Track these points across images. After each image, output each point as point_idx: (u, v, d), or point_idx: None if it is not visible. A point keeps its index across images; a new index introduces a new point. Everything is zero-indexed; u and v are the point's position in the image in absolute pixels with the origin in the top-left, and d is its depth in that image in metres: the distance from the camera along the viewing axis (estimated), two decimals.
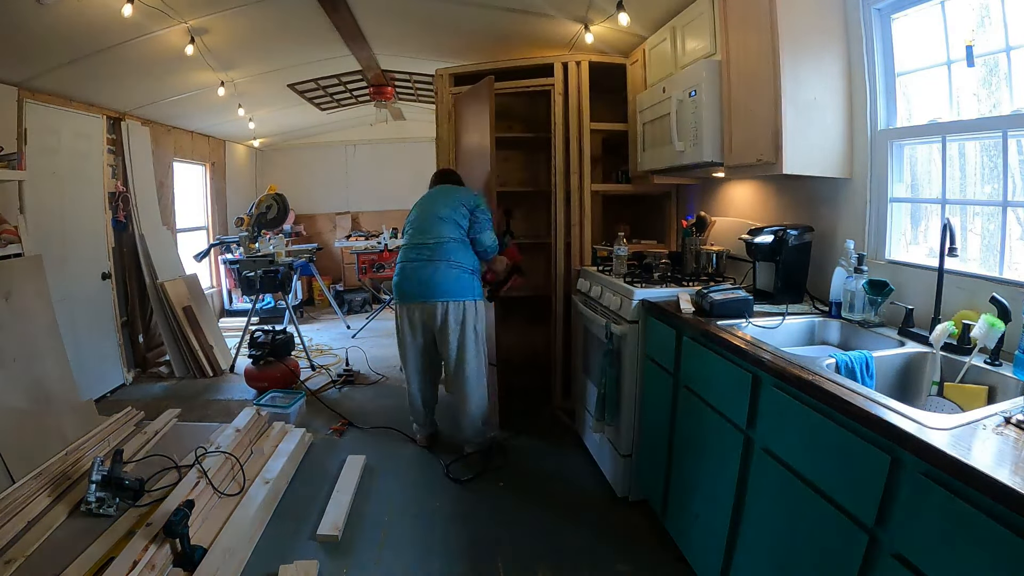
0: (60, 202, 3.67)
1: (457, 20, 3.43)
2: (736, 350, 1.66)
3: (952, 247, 1.55)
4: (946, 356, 1.51)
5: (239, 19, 3.18)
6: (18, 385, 2.71)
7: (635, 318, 2.36)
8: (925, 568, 1.00)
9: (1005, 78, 1.59)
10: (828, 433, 1.26)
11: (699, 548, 1.93)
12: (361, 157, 7.55)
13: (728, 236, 2.77)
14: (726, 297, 2.00)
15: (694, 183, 3.22)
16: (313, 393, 3.88)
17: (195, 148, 5.78)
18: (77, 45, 3.06)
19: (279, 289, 4.78)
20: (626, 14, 2.70)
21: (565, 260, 3.41)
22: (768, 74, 1.97)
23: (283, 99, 5.24)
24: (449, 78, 3.59)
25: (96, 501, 2.25)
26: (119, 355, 4.18)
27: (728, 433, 1.70)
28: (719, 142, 2.31)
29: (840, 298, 1.93)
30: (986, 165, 1.71)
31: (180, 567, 1.95)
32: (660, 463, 2.19)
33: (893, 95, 1.94)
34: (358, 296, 6.83)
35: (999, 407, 1.16)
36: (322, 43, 3.84)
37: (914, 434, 1.04)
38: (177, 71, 3.77)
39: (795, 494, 1.37)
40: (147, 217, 4.54)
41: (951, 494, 0.95)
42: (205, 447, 2.61)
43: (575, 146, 3.35)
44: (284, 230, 6.15)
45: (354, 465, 2.83)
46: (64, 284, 3.55)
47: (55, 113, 3.63)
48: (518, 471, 2.84)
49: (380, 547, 2.26)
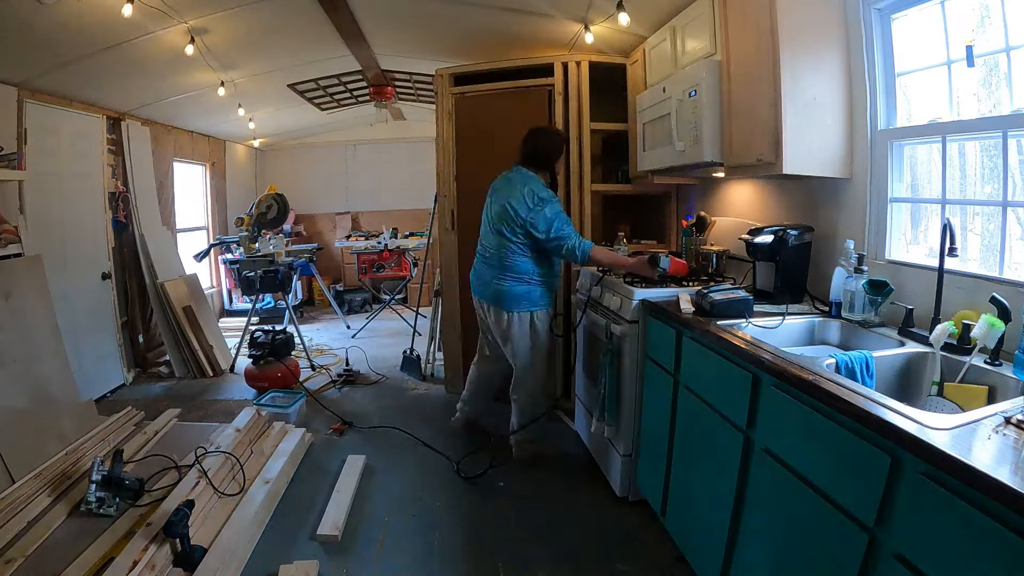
0: (60, 202, 3.67)
1: (457, 20, 3.43)
2: (736, 350, 1.66)
3: (952, 247, 1.55)
4: (946, 356, 1.51)
5: (239, 19, 3.18)
6: (18, 385, 2.70)
7: (635, 318, 2.36)
8: (925, 568, 1.00)
9: (1005, 78, 1.59)
10: (828, 433, 1.26)
11: (699, 548, 1.93)
12: (361, 157, 7.55)
13: (728, 236, 2.77)
14: (726, 297, 2.00)
15: (694, 183, 3.22)
16: (312, 394, 3.88)
17: (195, 148, 5.78)
18: (77, 45, 3.06)
19: (279, 289, 4.78)
20: (626, 14, 2.70)
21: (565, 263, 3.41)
22: (768, 74, 1.97)
23: (283, 99, 5.24)
24: (449, 78, 3.59)
25: (96, 501, 2.25)
26: (119, 355, 4.18)
27: (728, 433, 1.70)
28: (719, 142, 2.31)
29: (840, 298, 1.93)
30: (986, 165, 1.71)
31: (180, 567, 1.95)
32: (660, 463, 2.19)
33: (893, 95, 1.94)
34: (358, 296, 6.83)
35: (999, 407, 1.16)
36: (322, 43, 3.84)
37: (914, 434, 1.04)
38: (177, 71, 3.76)
39: (795, 494, 1.37)
40: (147, 217, 4.54)
41: (951, 494, 0.95)
42: (205, 447, 2.61)
43: (575, 146, 3.35)
44: (284, 230, 6.15)
45: (354, 465, 2.83)
46: (64, 284, 3.55)
47: (55, 113, 3.63)
48: (518, 471, 2.84)
49: (380, 547, 2.26)
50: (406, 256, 6.28)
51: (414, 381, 4.21)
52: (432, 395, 3.93)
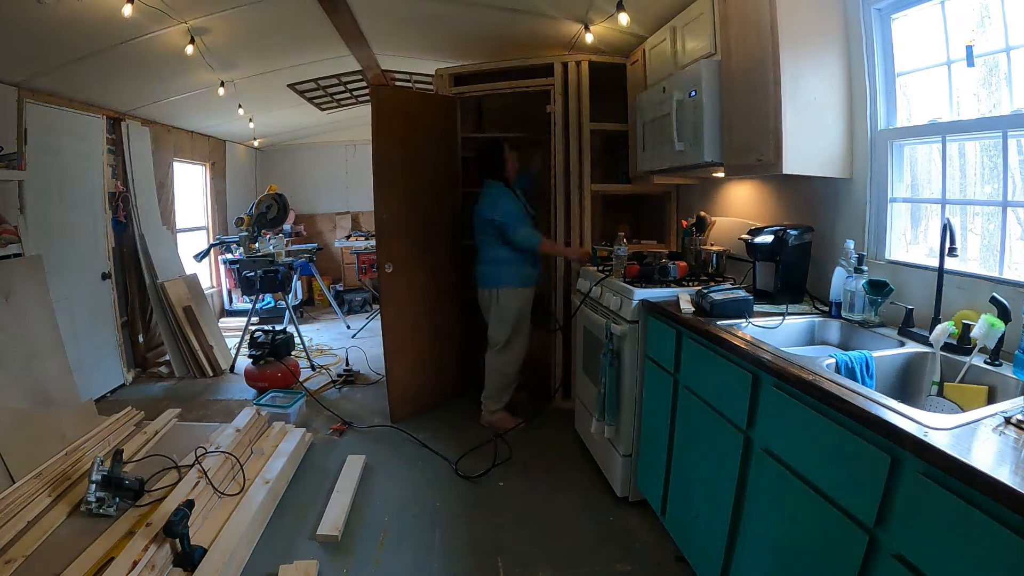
0: (60, 202, 3.67)
1: (457, 20, 3.43)
2: (736, 350, 1.66)
3: (952, 247, 1.55)
4: (946, 356, 1.51)
5: (239, 19, 3.18)
6: (18, 385, 2.70)
7: (635, 318, 2.36)
8: (925, 568, 1.00)
9: (1005, 78, 1.59)
10: (828, 433, 1.26)
11: (699, 548, 1.93)
12: (361, 157, 7.54)
13: (728, 236, 2.77)
14: (726, 297, 2.00)
15: (694, 183, 3.22)
16: (312, 394, 3.88)
17: (195, 148, 5.78)
18: (77, 45, 3.06)
19: (279, 289, 4.78)
20: (626, 14, 2.70)
21: (565, 260, 3.41)
22: (768, 74, 1.97)
23: (283, 99, 5.24)
24: (449, 78, 3.59)
25: (96, 501, 2.25)
26: (119, 355, 4.18)
27: (728, 433, 1.70)
28: (719, 142, 2.31)
29: (840, 298, 1.93)
30: (986, 165, 1.71)
31: (180, 567, 1.95)
32: (660, 463, 2.19)
33: (893, 95, 1.94)
34: (358, 296, 6.83)
35: (999, 407, 1.16)
36: (322, 43, 3.84)
37: (914, 434, 1.04)
38: (177, 71, 3.76)
39: (795, 494, 1.37)
40: (147, 217, 4.53)
41: (951, 494, 0.95)
42: (205, 447, 2.61)
43: (575, 146, 3.35)
44: (284, 230, 6.14)
45: (354, 465, 2.83)
46: (64, 284, 3.55)
47: (55, 113, 3.63)
48: (518, 471, 2.84)
49: (380, 547, 2.26)
50: None
51: None
52: None
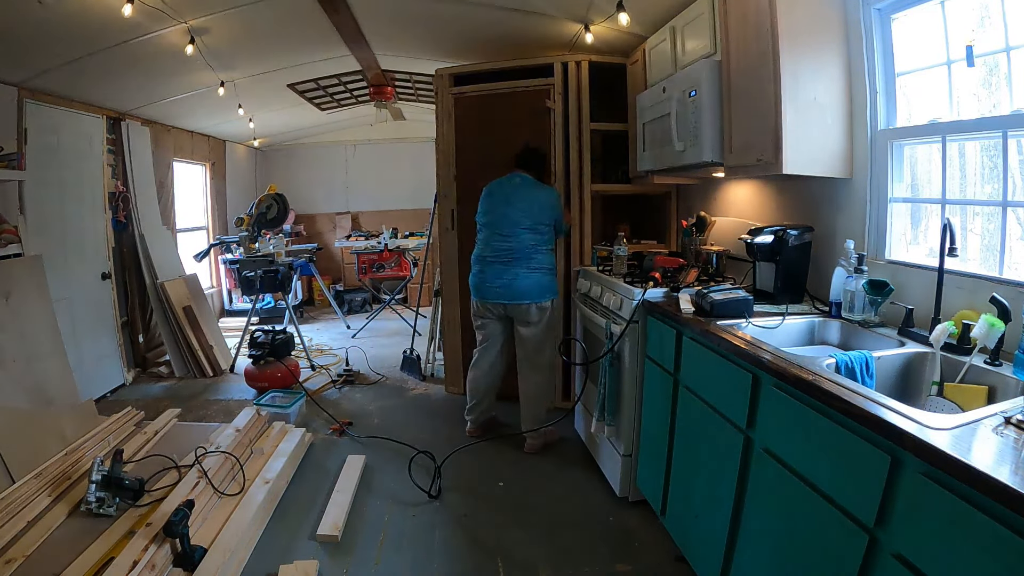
0: (60, 202, 3.67)
1: (457, 20, 3.43)
2: (736, 350, 1.66)
3: (952, 247, 1.55)
4: (946, 356, 1.51)
5: (239, 19, 3.18)
6: (18, 385, 2.71)
7: (635, 318, 2.36)
8: (925, 568, 1.00)
9: (1005, 78, 1.59)
10: (828, 433, 1.26)
11: (699, 548, 1.93)
12: (361, 157, 7.55)
13: (728, 236, 2.77)
14: (726, 297, 2.00)
15: (694, 183, 3.22)
16: (312, 394, 3.88)
17: (195, 148, 5.78)
18: (77, 45, 3.06)
19: (279, 289, 4.78)
20: (626, 14, 2.70)
21: (565, 260, 3.41)
22: (768, 74, 1.97)
23: (283, 99, 5.23)
24: (449, 78, 3.59)
25: (96, 501, 2.25)
26: (119, 355, 4.18)
27: (728, 433, 1.70)
28: (719, 142, 2.31)
29: (840, 298, 1.93)
30: (986, 165, 1.71)
31: (180, 567, 1.95)
32: (660, 463, 2.19)
33: (893, 95, 1.94)
34: (358, 296, 6.83)
35: (999, 407, 1.16)
36: (322, 43, 3.84)
37: (914, 434, 1.04)
38: (177, 71, 3.76)
39: (795, 494, 1.37)
40: (147, 217, 4.54)
41: (951, 494, 0.95)
42: (205, 447, 2.61)
43: (575, 146, 3.35)
44: (284, 230, 6.15)
45: (354, 465, 2.83)
46: (64, 284, 3.55)
47: (55, 113, 3.63)
48: (518, 471, 2.84)
49: (380, 547, 2.26)
50: (406, 256, 6.28)
51: (414, 381, 4.21)
52: (432, 395, 3.93)
